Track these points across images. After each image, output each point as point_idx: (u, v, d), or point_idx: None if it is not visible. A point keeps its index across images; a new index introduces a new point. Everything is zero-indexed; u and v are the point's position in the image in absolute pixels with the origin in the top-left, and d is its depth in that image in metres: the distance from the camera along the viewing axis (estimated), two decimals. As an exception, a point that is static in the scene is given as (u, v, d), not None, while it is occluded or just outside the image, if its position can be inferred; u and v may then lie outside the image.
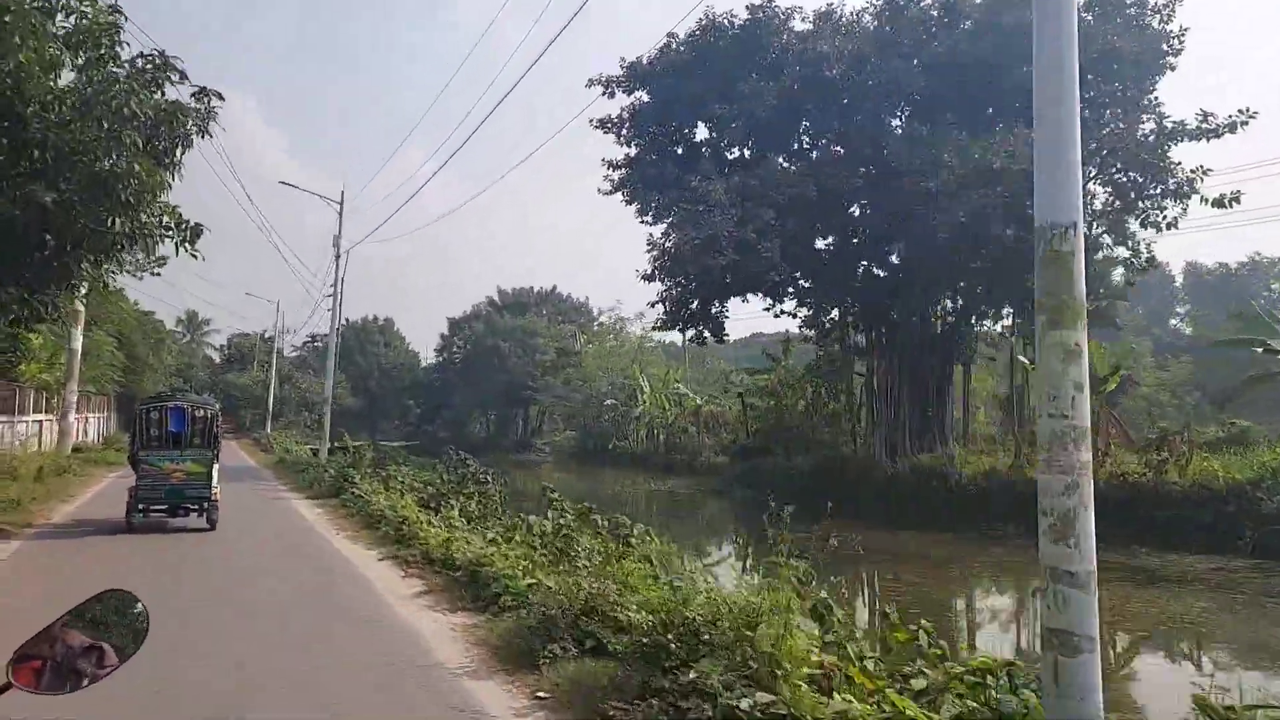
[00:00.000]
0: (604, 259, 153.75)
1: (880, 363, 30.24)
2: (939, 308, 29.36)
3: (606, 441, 56.88)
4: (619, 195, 32.91)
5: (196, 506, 13.42)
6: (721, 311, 29.46)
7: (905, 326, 29.36)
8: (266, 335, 79.85)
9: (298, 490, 19.89)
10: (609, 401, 53.98)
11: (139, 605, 1.85)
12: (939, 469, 25.86)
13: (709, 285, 26.36)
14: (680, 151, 31.68)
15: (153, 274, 51.39)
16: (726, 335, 30.02)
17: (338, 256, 29.42)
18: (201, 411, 14.21)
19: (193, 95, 12.06)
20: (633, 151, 31.90)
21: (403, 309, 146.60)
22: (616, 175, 32.13)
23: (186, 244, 11.75)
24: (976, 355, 30.27)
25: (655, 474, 45.44)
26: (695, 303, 29.16)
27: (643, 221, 33.05)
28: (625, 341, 59.35)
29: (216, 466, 13.75)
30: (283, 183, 57.43)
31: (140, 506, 13.22)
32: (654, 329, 29.02)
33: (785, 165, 26.26)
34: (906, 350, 29.30)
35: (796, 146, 28.47)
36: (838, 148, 25.42)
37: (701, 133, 31.68)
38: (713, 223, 23.52)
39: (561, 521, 9.11)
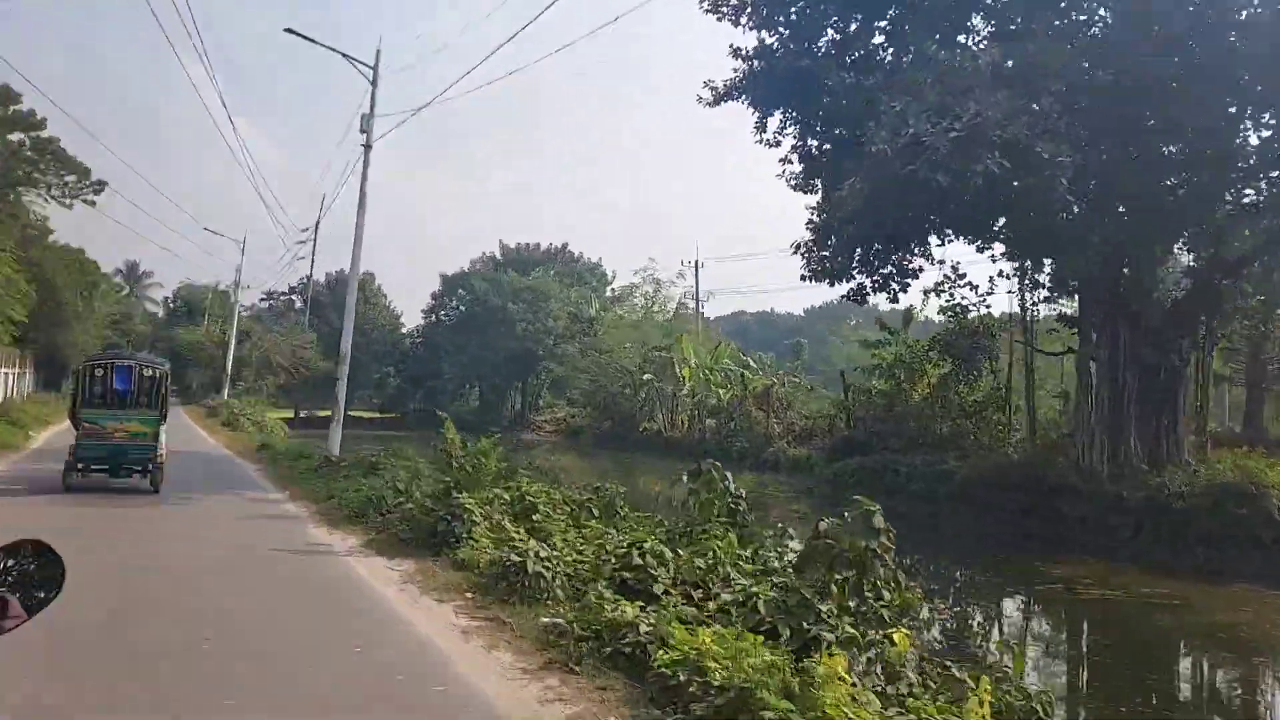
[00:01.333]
0: (621, 217, 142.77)
1: (1101, 337, 22.22)
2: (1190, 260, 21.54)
3: (630, 423, 48.46)
4: (733, 104, 24.39)
5: (140, 468, 13.08)
6: (904, 257, 21.18)
7: (1143, 287, 21.37)
8: (221, 286, 69.20)
9: (329, 519, 10.94)
10: (646, 376, 45.36)
11: (54, 556, 1.71)
12: (1246, 491, 17.89)
13: (922, 213, 17.92)
14: (822, 48, 23.18)
15: (85, 202, 40.91)
16: (905, 293, 21.75)
17: (367, 146, 20.06)
18: (149, 370, 13.79)
19: None
20: (768, 41, 23.27)
21: (384, 266, 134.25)
22: (735, 74, 23.54)
23: None
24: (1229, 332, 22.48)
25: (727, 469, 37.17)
26: (858, 247, 20.84)
27: (762, 140, 24.61)
28: (656, 308, 50.62)
29: (164, 428, 13.34)
30: (289, 31, 44.57)
31: (80, 465, 12.82)
32: (805, 278, 20.51)
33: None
34: (1138, 321, 21.37)
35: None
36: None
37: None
38: (977, 109, 15.08)
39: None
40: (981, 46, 17.68)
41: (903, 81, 17.42)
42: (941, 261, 25.10)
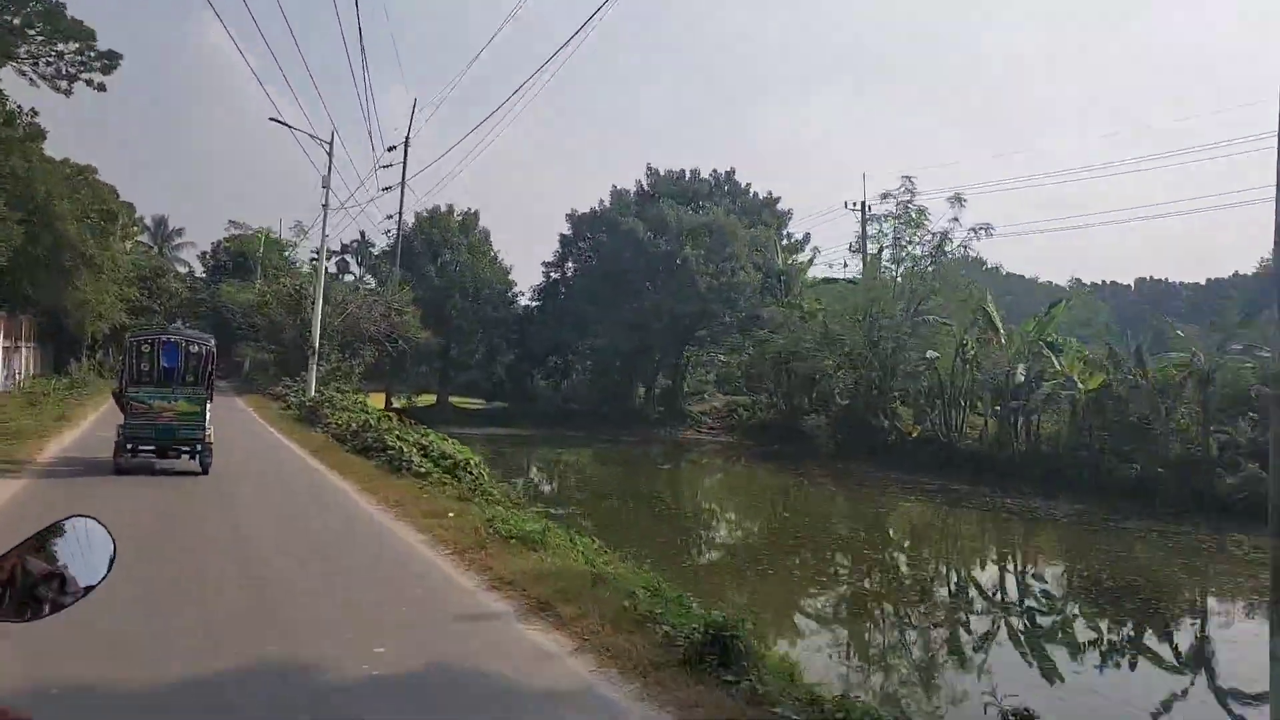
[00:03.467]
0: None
1: None
2: None
3: (859, 422, 33.59)
4: None
5: (189, 449, 12.81)
6: None
7: None
8: (276, 231, 54.54)
9: None
10: (930, 354, 30.35)
11: (104, 531, 1.69)
12: None
13: None
14: None
15: (90, 84, 26.58)
16: None
17: None
18: (196, 347, 13.57)
19: None
20: None
21: (489, 216, 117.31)
22: None
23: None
24: None
25: (1102, 509, 22.12)
26: None
27: None
28: (899, 253, 35.17)
29: (209, 406, 13.12)
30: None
31: (129, 446, 12.66)
32: None
33: None
34: None
35: None
36: None
37: None
38: None
39: None
40: None
41: None
42: None
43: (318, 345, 28.62)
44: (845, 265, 43.23)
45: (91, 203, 32.23)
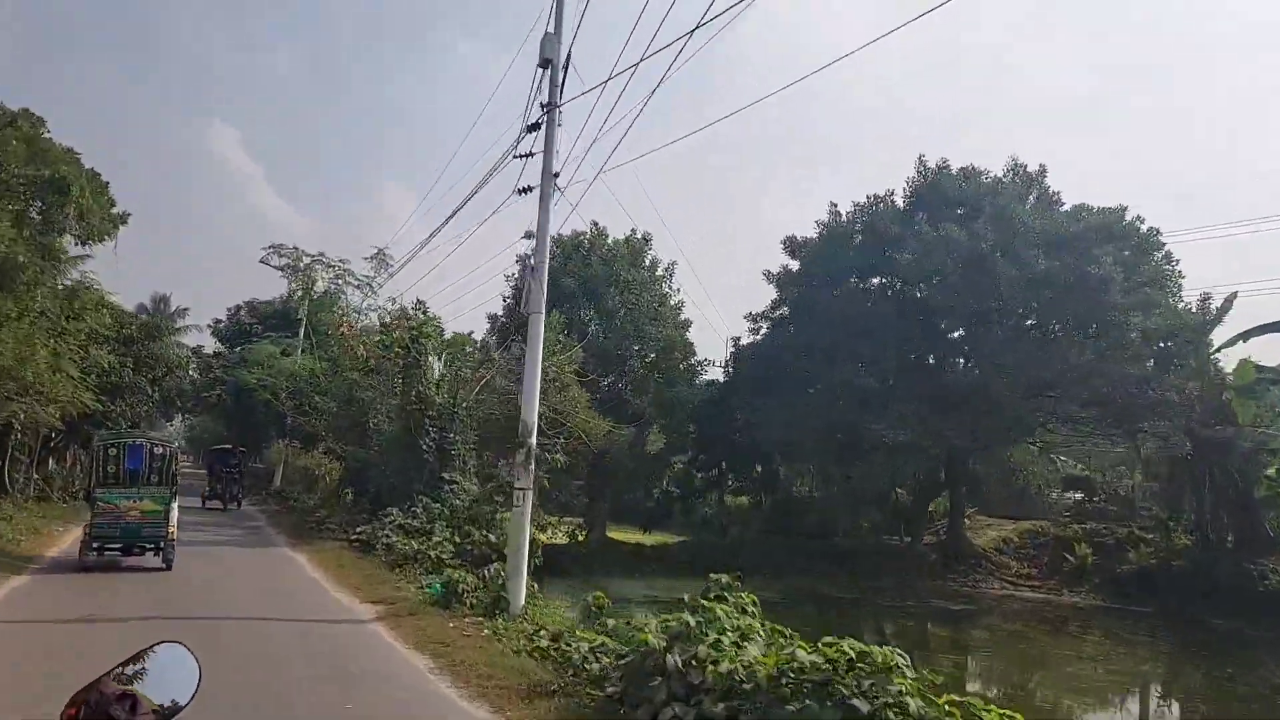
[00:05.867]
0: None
1: None
2: None
3: None
4: None
5: (153, 546, 13.15)
6: None
7: None
8: (321, 286, 38.54)
9: None
10: None
11: (190, 658, 1.67)
12: None
13: None
14: None
15: None
16: None
17: None
18: (160, 449, 14.31)
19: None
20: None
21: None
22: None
23: None
24: None
25: None
26: None
27: None
28: None
29: (174, 505, 13.50)
30: None
31: (95, 545, 12.90)
32: None
33: None
34: None
35: None
36: None
37: None
38: None
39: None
40: None
41: None
42: None
43: (532, 446, 12.11)
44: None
45: (25, 164, 16.38)
